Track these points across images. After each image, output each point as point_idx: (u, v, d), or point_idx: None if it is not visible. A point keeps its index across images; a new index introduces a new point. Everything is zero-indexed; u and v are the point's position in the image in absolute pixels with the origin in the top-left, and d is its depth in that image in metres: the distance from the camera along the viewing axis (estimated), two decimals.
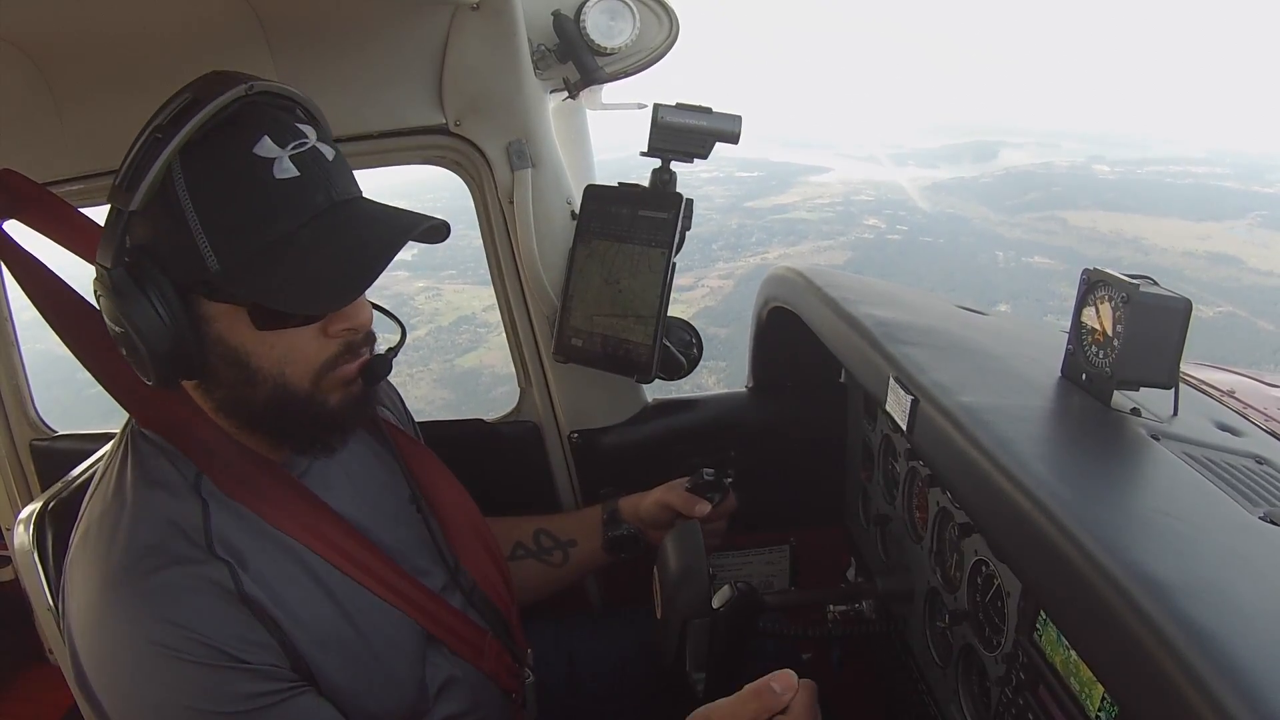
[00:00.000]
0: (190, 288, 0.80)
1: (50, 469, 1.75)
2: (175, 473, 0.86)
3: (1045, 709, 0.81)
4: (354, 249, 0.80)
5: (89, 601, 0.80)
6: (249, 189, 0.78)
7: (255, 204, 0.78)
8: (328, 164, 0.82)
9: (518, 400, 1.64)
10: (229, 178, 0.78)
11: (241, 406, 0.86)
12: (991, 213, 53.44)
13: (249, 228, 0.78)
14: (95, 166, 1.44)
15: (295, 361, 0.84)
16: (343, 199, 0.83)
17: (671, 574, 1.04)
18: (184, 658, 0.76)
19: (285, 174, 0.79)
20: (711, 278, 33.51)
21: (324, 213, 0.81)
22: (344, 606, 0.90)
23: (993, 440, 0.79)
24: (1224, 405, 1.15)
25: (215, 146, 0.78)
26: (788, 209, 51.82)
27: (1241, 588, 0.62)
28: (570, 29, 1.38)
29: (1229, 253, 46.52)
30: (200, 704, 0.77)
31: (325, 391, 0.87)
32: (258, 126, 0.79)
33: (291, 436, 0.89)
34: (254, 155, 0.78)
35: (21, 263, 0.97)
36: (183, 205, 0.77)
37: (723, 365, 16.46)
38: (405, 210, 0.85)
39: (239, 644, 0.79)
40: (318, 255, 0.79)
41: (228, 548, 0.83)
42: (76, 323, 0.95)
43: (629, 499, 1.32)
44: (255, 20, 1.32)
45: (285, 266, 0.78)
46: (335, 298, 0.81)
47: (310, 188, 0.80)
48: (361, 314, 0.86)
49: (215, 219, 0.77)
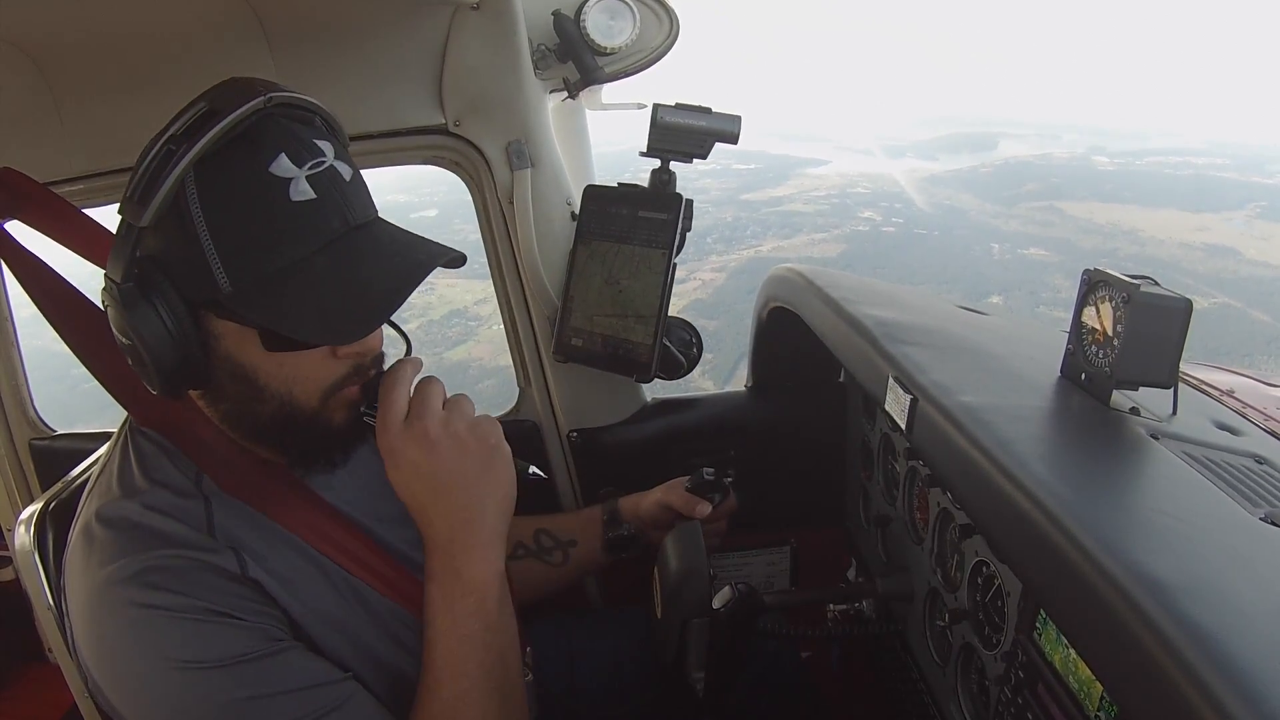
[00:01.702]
0: (200, 304, 0.79)
1: (50, 468, 1.75)
2: (175, 471, 0.86)
3: (1044, 708, 0.82)
4: (370, 281, 0.79)
5: (89, 597, 0.79)
6: (264, 211, 0.76)
7: (270, 227, 0.77)
8: (345, 185, 0.81)
9: (517, 399, 1.64)
10: (244, 198, 0.76)
11: (246, 420, 0.86)
12: (988, 204, 53.26)
13: (262, 251, 0.77)
14: (95, 166, 1.44)
15: (304, 381, 0.83)
16: (359, 223, 0.81)
17: (672, 574, 1.04)
18: (173, 615, 0.75)
19: (301, 196, 0.77)
20: (704, 270, 33.32)
21: (339, 239, 0.79)
22: (344, 604, 0.90)
23: (992, 440, 0.79)
24: (1223, 405, 1.16)
25: (231, 163, 0.76)
26: (783, 201, 51.48)
27: (1241, 588, 0.62)
28: (570, 29, 1.38)
29: (1226, 244, 46.35)
30: (183, 654, 0.75)
31: (331, 410, 0.86)
32: (275, 144, 0.77)
33: (295, 450, 0.89)
34: (270, 175, 0.76)
35: (22, 262, 0.97)
36: (195, 223, 0.75)
37: (709, 357, 16.37)
38: (421, 238, 0.85)
39: (235, 602, 0.78)
40: (332, 286, 0.78)
41: (230, 539, 0.82)
42: (76, 322, 0.95)
43: (629, 499, 1.32)
44: (255, 20, 1.32)
45: (298, 293, 0.77)
46: (348, 332, 0.80)
47: (326, 211, 0.79)
48: (372, 339, 0.85)
49: (228, 239, 0.76)
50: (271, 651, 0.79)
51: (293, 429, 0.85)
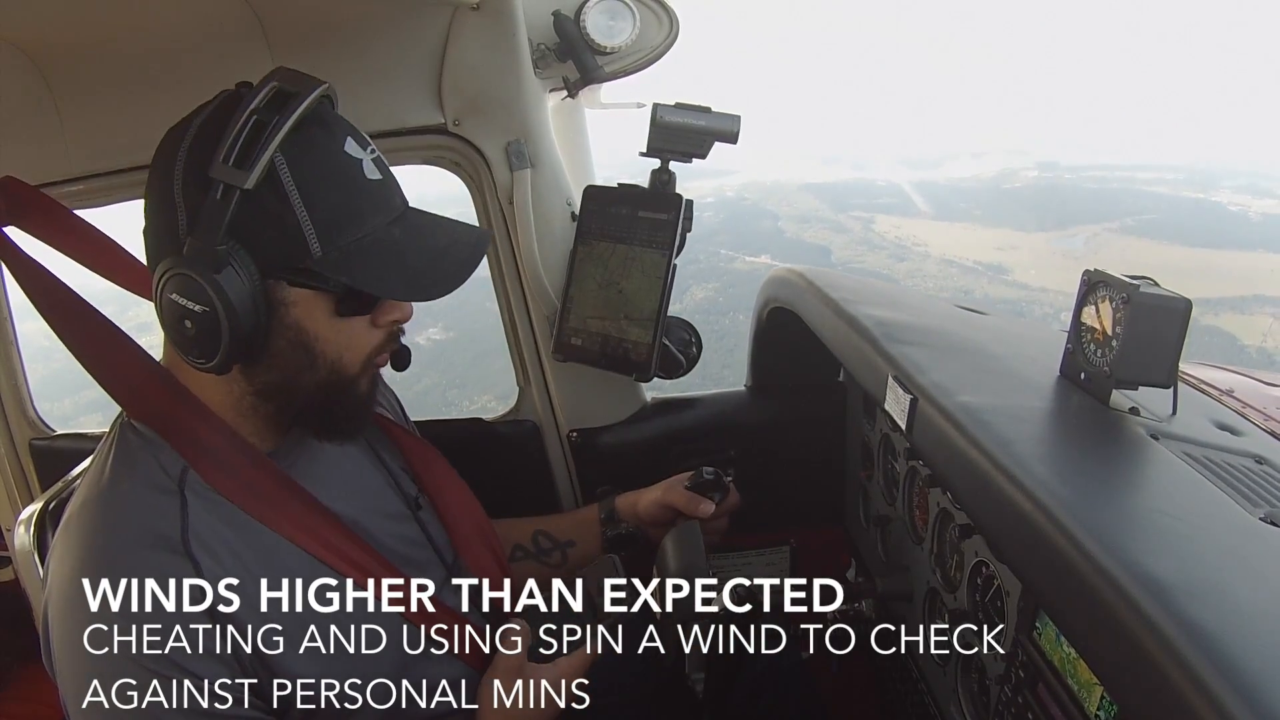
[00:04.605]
0: (275, 271, 0.82)
1: (50, 468, 1.75)
2: (158, 467, 0.86)
3: (1044, 707, 0.82)
4: (445, 250, 0.90)
5: (61, 591, 0.81)
6: (349, 185, 0.84)
7: (352, 199, 0.84)
8: (391, 173, 0.90)
9: (517, 399, 1.64)
10: (330, 171, 0.83)
11: (290, 388, 0.89)
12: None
13: (350, 220, 0.84)
14: (95, 167, 1.44)
15: (352, 348, 0.90)
16: (409, 205, 0.91)
17: (672, 574, 1.04)
18: (136, 660, 0.77)
19: (372, 175, 0.86)
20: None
21: (402, 215, 0.89)
22: (327, 602, 0.90)
23: (992, 440, 0.79)
24: (1223, 405, 1.16)
25: (312, 140, 0.82)
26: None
27: (1241, 588, 0.62)
28: (570, 29, 1.38)
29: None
30: (149, 705, 0.78)
31: (363, 377, 0.93)
32: (341, 128, 0.85)
33: (331, 417, 0.93)
34: (346, 154, 0.84)
35: (21, 263, 0.97)
36: (287, 190, 0.80)
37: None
38: (454, 220, 0.94)
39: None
40: (413, 252, 0.87)
41: (203, 546, 0.83)
42: (76, 322, 0.95)
43: (626, 497, 1.32)
44: (255, 20, 1.32)
45: (382, 259, 0.85)
46: (433, 291, 0.88)
47: (389, 191, 0.89)
48: (408, 306, 0.93)
49: (321, 209, 0.82)
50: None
51: (335, 395, 0.90)
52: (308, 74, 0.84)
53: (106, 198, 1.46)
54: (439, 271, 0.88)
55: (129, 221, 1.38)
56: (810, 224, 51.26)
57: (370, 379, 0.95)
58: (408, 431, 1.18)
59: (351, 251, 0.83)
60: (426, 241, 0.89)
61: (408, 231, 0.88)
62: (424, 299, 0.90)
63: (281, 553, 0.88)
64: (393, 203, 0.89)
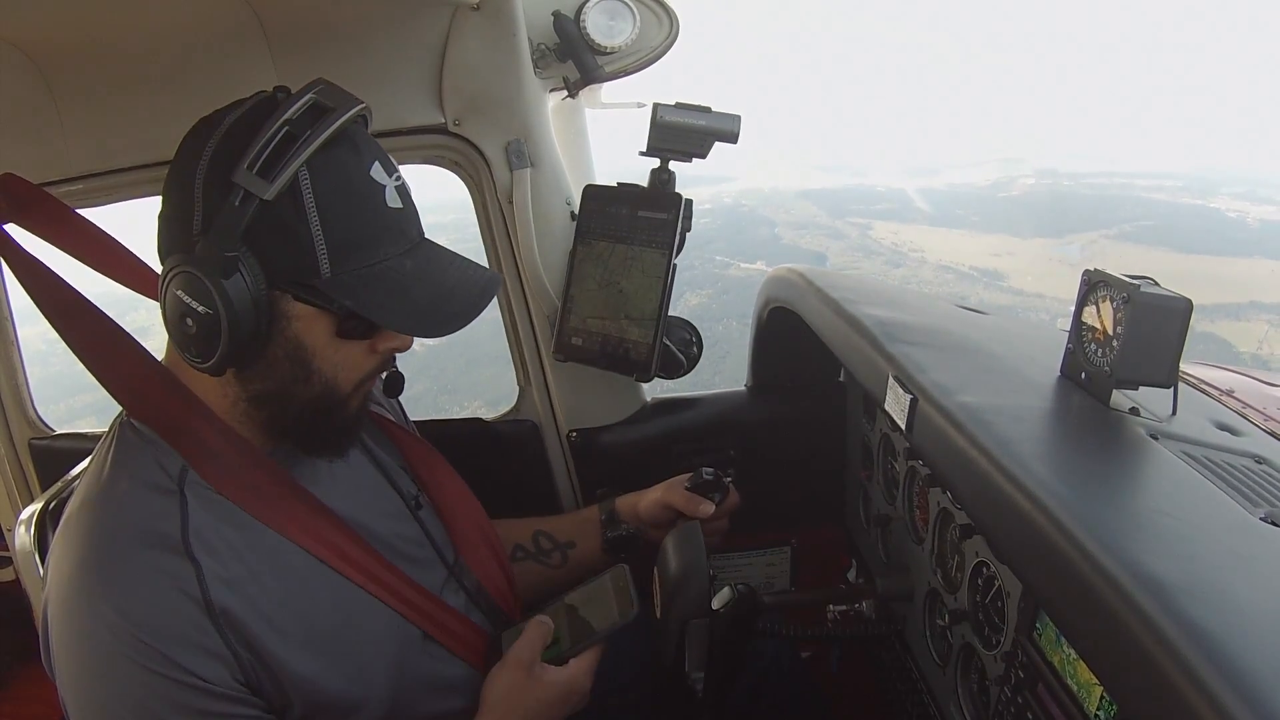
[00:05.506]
0: (282, 284, 0.82)
1: (50, 468, 1.75)
2: (157, 467, 0.86)
3: (1044, 708, 0.82)
4: (454, 289, 0.89)
5: (60, 591, 0.80)
6: (368, 210, 0.84)
7: (370, 225, 0.84)
8: (413, 202, 0.90)
9: (517, 399, 1.64)
10: (352, 194, 0.83)
11: (281, 400, 0.88)
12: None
13: (363, 246, 0.83)
14: (95, 167, 1.44)
15: (348, 369, 0.89)
16: (424, 237, 0.91)
17: (672, 574, 1.04)
18: (135, 660, 0.77)
19: (393, 203, 0.86)
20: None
21: (416, 246, 0.89)
22: (327, 602, 0.90)
23: (992, 440, 0.79)
24: (1223, 405, 1.15)
25: (339, 160, 0.82)
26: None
27: (1241, 588, 0.62)
28: (570, 29, 1.38)
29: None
30: (147, 704, 0.78)
31: (354, 399, 0.92)
32: (370, 151, 0.85)
33: (319, 434, 0.92)
34: (371, 179, 0.84)
35: (22, 261, 0.97)
36: (306, 207, 0.80)
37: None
38: (466, 259, 0.94)
39: (190, 652, 0.79)
40: (423, 286, 0.86)
41: (204, 545, 0.82)
42: (75, 319, 0.95)
43: (626, 498, 1.32)
44: (255, 20, 1.32)
45: (390, 289, 0.84)
46: (436, 329, 0.87)
47: (407, 221, 0.88)
48: (408, 338, 0.93)
49: (336, 230, 0.81)
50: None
51: (325, 412, 0.90)
52: (347, 90, 0.84)
53: (106, 197, 1.46)
54: (443, 311, 0.87)
55: (129, 220, 1.38)
56: (807, 230, 51.78)
57: (360, 399, 0.94)
58: (407, 431, 1.18)
59: (361, 277, 0.83)
60: (436, 277, 0.88)
61: (419, 264, 0.87)
62: (424, 335, 0.89)
63: (282, 552, 0.88)
64: (409, 233, 0.88)
